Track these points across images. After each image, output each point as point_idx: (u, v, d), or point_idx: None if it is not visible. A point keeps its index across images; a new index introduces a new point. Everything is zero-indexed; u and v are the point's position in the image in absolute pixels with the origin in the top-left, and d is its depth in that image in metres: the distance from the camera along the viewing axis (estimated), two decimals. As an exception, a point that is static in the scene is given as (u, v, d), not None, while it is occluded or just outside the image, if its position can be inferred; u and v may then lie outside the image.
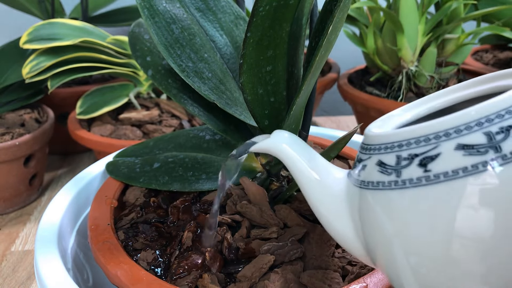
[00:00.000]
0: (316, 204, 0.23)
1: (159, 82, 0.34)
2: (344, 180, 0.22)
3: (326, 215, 0.22)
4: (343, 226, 0.22)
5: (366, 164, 0.20)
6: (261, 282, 0.27)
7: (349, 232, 0.22)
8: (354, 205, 0.21)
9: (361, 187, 0.21)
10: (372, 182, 0.20)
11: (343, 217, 0.22)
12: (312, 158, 0.23)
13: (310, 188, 0.23)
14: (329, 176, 0.23)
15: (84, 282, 0.35)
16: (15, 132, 0.57)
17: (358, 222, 0.21)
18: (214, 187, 0.35)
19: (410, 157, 0.18)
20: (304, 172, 0.23)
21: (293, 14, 0.27)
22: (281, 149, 0.24)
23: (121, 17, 0.81)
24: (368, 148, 0.21)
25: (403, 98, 0.62)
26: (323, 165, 0.23)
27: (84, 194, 0.39)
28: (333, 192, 0.22)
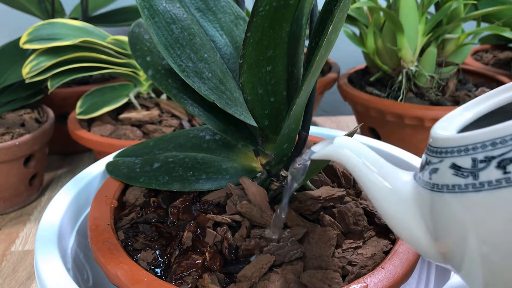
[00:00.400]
0: (386, 209, 0.23)
1: (159, 82, 0.34)
2: (411, 183, 0.22)
3: (395, 218, 0.23)
4: (413, 228, 0.22)
5: (437, 167, 0.21)
6: (261, 282, 0.27)
7: (420, 234, 0.22)
8: (425, 207, 0.21)
9: (433, 190, 0.21)
10: (447, 185, 0.20)
11: (412, 219, 0.22)
12: (378, 164, 0.23)
13: (380, 195, 0.23)
14: (397, 181, 0.23)
15: (84, 282, 0.35)
16: (15, 132, 0.57)
17: (430, 223, 0.21)
18: (214, 187, 0.35)
19: (487, 159, 0.18)
20: (372, 180, 0.23)
21: (293, 14, 0.27)
22: (345, 156, 0.24)
23: (121, 17, 0.81)
24: (438, 151, 0.21)
25: (403, 98, 0.62)
26: (390, 171, 0.23)
27: (84, 194, 0.39)
28: (402, 196, 0.22)
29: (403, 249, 0.29)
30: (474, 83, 0.71)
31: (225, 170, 0.36)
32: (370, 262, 0.29)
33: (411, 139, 0.61)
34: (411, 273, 0.28)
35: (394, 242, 0.31)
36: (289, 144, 0.33)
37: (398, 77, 0.63)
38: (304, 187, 0.36)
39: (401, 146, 0.47)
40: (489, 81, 0.72)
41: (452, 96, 0.64)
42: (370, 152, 0.24)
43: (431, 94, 0.63)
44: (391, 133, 0.63)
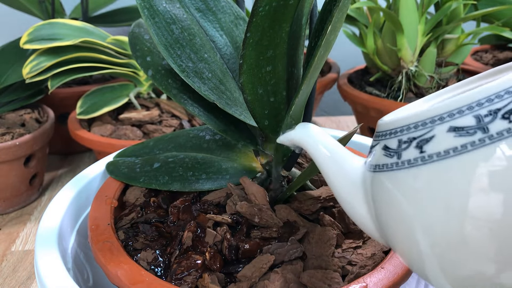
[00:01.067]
0: (339, 192, 0.25)
1: (159, 82, 0.34)
2: (361, 168, 0.24)
3: (347, 201, 0.24)
4: (360, 210, 0.24)
5: (375, 149, 0.22)
6: (261, 282, 0.27)
7: (365, 215, 0.23)
8: (367, 188, 0.23)
9: (370, 171, 0.22)
10: (378, 165, 0.22)
11: (360, 201, 0.24)
12: (333, 149, 0.25)
13: (334, 178, 0.25)
14: (350, 165, 0.24)
15: (84, 282, 0.35)
16: (16, 132, 0.57)
17: (371, 204, 0.23)
18: (214, 187, 0.35)
19: (409, 140, 0.20)
20: (326, 163, 0.25)
21: (293, 14, 0.27)
22: (304, 140, 0.26)
23: (121, 17, 0.81)
24: (377, 135, 0.23)
25: (403, 98, 0.62)
26: (344, 156, 0.25)
27: (84, 194, 0.39)
28: (353, 180, 0.24)
29: (402, 249, 0.29)
30: (474, 83, 0.71)
31: (225, 170, 0.36)
32: (370, 262, 0.29)
33: (411, 139, 0.61)
34: (411, 273, 0.28)
35: (393, 242, 0.31)
36: (289, 144, 0.33)
37: (398, 77, 0.63)
38: (304, 187, 0.36)
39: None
40: (489, 81, 0.72)
41: (452, 96, 0.64)
42: (328, 138, 0.26)
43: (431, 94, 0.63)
44: (391, 133, 0.63)
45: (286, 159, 0.34)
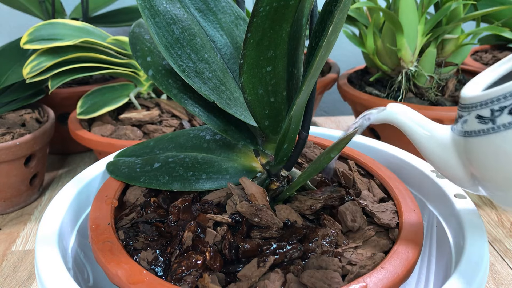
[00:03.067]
0: (431, 153, 0.31)
1: (159, 82, 0.34)
2: (449, 133, 0.30)
3: (439, 160, 0.30)
4: (453, 167, 0.30)
5: (466, 119, 0.28)
6: (261, 282, 0.27)
7: (459, 170, 0.29)
8: (461, 150, 0.29)
9: (465, 136, 0.28)
10: (474, 131, 0.27)
11: (452, 159, 0.29)
12: (423, 121, 0.31)
13: (426, 144, 0.31)
14: (438, 132, 0.30)
15: (84, 282, 0.35)
16: (16, 132, 0.57)
17: (466, 161, 0.28)
18: (214, 187, 0.35)
19: (501, 109, 0.25)
20: (419, 133, 0.31)
21: (293, 14, 0.27)
22: (397, 117, 0.32)
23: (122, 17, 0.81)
24: (466, 107, 0.28)
25: (402, 98, 0.62)
26: (432, 125, 0.31)
27: (85, 194, 0.40)
28: (443, 143, 0.30)
29: (402, 249, 0.29)
30: (474, 83, 0.71)
31: (225, 170, 0.36)
32: (370, 262, 0.29)
33: (411, 139, 0.61)
34: (410, 273, 0.28)
35: (393, 242, 0.31)
36: (289, 144, 0.33)
37: (398, 77, 0.63)
38: (304, 187, 0.36)
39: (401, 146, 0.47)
40: (489, 81, 0.72)
41: (452, 96, 0.64)
42: (416, 113, 0.32)
43: (431, 94, 0.63)
44: (391, 133, 0.63)
45: (286, 159, 0.34)
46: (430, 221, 0.39)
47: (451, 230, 0.35)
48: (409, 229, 0.31)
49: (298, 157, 0.36)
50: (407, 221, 0.32)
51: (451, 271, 0.32)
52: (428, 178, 0.39)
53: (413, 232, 0.31)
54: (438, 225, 0.37)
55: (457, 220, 0.34)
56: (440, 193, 0.38)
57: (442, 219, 0.37)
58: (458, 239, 0.33)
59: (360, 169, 0.41)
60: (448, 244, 0.35)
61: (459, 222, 0.33)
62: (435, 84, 0.63)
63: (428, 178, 0.40)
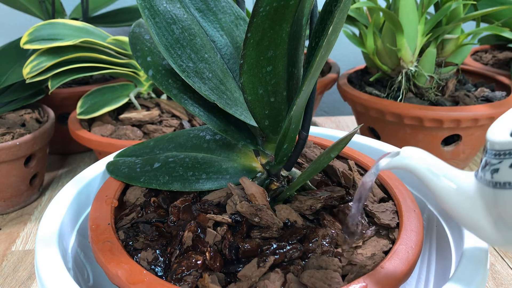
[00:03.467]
0: (454, 207, 0.26)
1: (159, 82, 0.34)
2: (474, 182, 0.25)
3: (463, 214, 0.26)
4: (480, 220, 0.25)
5: (498, 167, 0.24)
6: (261, 282, 0.27)
7: (486, 224, 0.25)
8: (489, 202, 0.24)
9: (495, 187, 0.24)
10: (508, 182, 0.23)
11: (479, 213, 0.25)
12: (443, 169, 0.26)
13: (447, 196, 0.26)
14: (461, 181, 0.26)
15: (84, 282, 0.35)
16: (16, 132, 0.57)
17: (496, 215, 0.24)
18: (214, 187, 0.35)
19: None
20: (439, 184, 0.26)
21: (293, 14, 0.27)
22: (413, 165, 0.27)
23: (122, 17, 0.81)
24: (497, 154, 0.24)
25: (402, 98, 0.62)
26: (453, 173, 0.26)
27: (85, 194, 0.40)
28: (467, 194, 0.25)
29: (402, 249, 0.29)
30: (474, 83, 0.71)
31: (225, 170, 0.36)
32: (370, 262, 0.29)
33: (411, 139, 0.61)
34: (410, 273, 0.28)
35: (393, 242, 0.31)
36: (289, 144, 0.33)
37: (398, 77, 0.63)
38: (304, 187, 0.36)
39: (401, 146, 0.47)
40: (489, 81, 0.72)
41: (452, 96, 0.64)
42: (434, 158, 0.27)
43: (431, 94, 0.63)
44: (391, 133, 0.63)
45: (286, 159, 0.34)
46: (430, 221, 0.39)
47: (451, 230, 0.35)
48: (409, 229, 0.31)
49: (298, 157, 0.36)
50: (407, 221, 0.32)
51: (451, 271, 0.32)
52: (428, 178, 0.39)
53: (413, 232, 0.31)
54: (438, 225, 0.37)
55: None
56: (440, 193, 0.37)
57: (442, 219, 0.37)
58: (458, 239, 0.33)
59: (360, 169, 0.41)
60: (448, 244, 0.35)
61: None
62: (435, 84, 0.63)
63: (428, 178, 0.39)
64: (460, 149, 0.62)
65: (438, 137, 0.60)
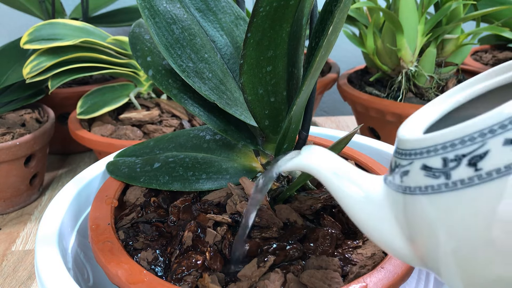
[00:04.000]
0: (358, 216, 0.22)
1: (159, 82, 0.34)
2: (382, 188, 0.22)
3: (369, 225, 0.22)
4: (388, 233, 0.21)
5: (408, 169, 0.20)
6: (261, 282, 0.27)
7: (395, 238, 0.21)
8: (398, 211, 0.21)
9: (405, 193, 0.20)
10: (419, 187, 0.19)
11: (387, 224, 0.21)
12: (347, 171, 0.23)
13: (351, 203, 0.22)
14: (368, 187, 0.22)
15: (84, 282, 0.35)
16: (16, 132, 0.57)
17: (405, 226, 0.21)
18: (214, 187, 0.35)
19: (458, 158, 0.18)
20: (342, 188, 0.22)
21: (293, 14, 0.27)
22: (314, 166, 0.23)
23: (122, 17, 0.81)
24: (407, 153, 0.20)
25: (402, 98, 0.62)
26: (360, 177, 0.23)
27: (85, 194, 0.40)
28: (374, 202, 0.22)
29: (402, 248, 0.29)
30: (474, 83, 0.71)
31: (225, 170, 0.36)
32: (370, 262, 0.29)
33: (411, 139, 0.61)
34: (410, 273, 0.28)
35: (393, 242, 0.31)
36: (289, 144, 0.33)
37: (398, 77, 0.63)
38: (304, 187, 0.36)
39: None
40: (489, 81, 0.72)
41: (452, 96, 0.64)
42: (338, 159, 0.23)
43: (431, 94, 0.63)
44: (391, 133, 0.63)
45: (286, 159, 0.34)
46: (430, 221, 0.39)
47: (451, 230, 0.35)
48: (409, 229, 0.31)
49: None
50: (407, 221, 0.32)
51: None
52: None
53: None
54: (438, 225, 0.37)
55: (457, 220, 0.34)
56: (440, 193, 0.37)
57: (442, 219, 0.37)
58: (458, 239, 0.33)
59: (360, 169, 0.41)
60: (448, 244, 0.35)
61: (459, 222, 0.33)
62: (435, 84, 0.63)
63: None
64: (460, 149, 0.62)
65: (438, 137, 0.60)
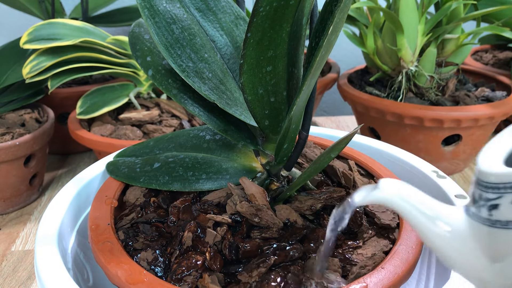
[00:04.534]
0: (442, 250, 0.23)
1: (159, 82, 0.34)
2: (465, 220, 0.22)
3: (454, 257, 0.22)
4: (474, 264, 0.22)
5: (497, 203, 0.20)
6: (261, 282, 0.27)
7: (482, 269, 0.22)
8: (486, 243, 0.21)
9: (495, 226, 0.20)
10: (510, 221, 0.20)
11: (473, 256, 0.22)
12: (428, 206, 0.23)
13: (434, 237, 0.23)
14: (450, 220, 0.22)
15: (84, 282, 0.35)
16: (16, 132, 0.57)
17: (493, 256, 0.21)
18: (214, 187, 0.35)
19: None
20: (425, 224, 0.23)
21: (294, 14, 0.27)
22: (393, 201, 0.23)
23: (121, 17, 0.81)
24: (494, 187, 0.20)
25: (403, 98, 0.62)
26: (440, 211, 0.23)
27: (84, 194, 0.39)
28: (458, 235, 0.22)
29: (403, 249, 0.29)
30: (474, 83, 0.71)
31: (225, 170, 0.36)
32: (370, 262, 0.29)
33: (411, 139, 0.61)
34: (411, 273, 0.28)
35: (394, 242, 0.31)
36: (289, 144, 0.33)
37: (398, 77, 0.63)
38: (304, 187, 0.36)
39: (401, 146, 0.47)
40: (489, 81, 0.72)
41: (452, 96, 0.64)
42: (417, 193, 0.23)
43: (431, 94, 0.63)
44: (391, 133, 0.63)
45: (286, 159, 0.34)
46: (430, 221, 0.39)
47: (452, 230, 0.35)
48: (409, 229, 0.31)
49: (298, 157, 0.36)
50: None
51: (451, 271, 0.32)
52: (428, 178, 0.39)
53: (413, 232, 0.31)
54: (439, 225, 0.37)
55: (458, 220, 0.34)
56: (440, 193, 0.37)
57: (442, 219, 0.37)
58: (459, 239, 0.33)
59: (360, 169, 0.41)
60: (448, 244, 0.35)
61: (460, 222, 0.33)
62: (435, 84, 0.63)
63: (428, 178, 0.39)
64: (461, 149, 0.62)
65: (438, 137, 0.60)
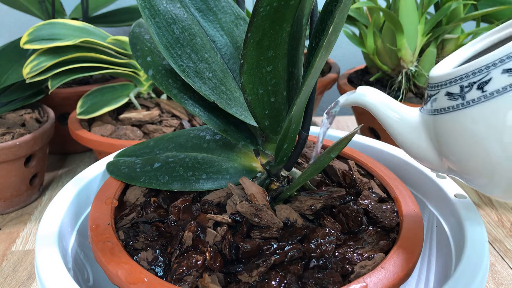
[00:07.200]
0: (400, 136, 0.31)
1: (159, 82, 0.34)
2: (418, 114, 0.30)
3: (409, 143, 0.31)
4: (423, 147, 0.30)
5: (436, 97, 0.28)
6: (261, 282, 0.27)
7: (428, 150, 0.30)
8: (431, 129, 0.29)
9: (434, 114, 0.28)
10: (444, 108, 0.28)
11: (422, 141, 0.30)
12: (391, 104, 0.31)
13: (395, 125, 0.31)
14: (407, 114, 0.31)
15: (84, 282, 0.35)
16: (16, 132, 0.57)
17: (435, 141, 0.29)
18: (214, 187, 0.35)
19: (470, 85, 0.26)
20: (388, 115, 0.31)
21: (294, 14, 0.27)
22: (367, 100, 0.32)
23: (122, 17, 0.81)
24: (436, 86, 0.28)
25: (402, 98, 0.62)
26: (401, 107, 0.31)
27: (85, 194, 0.39)
28: (412, 124, 0.30)
29: (403, 249, 0.29)
30: (474, 83, 0.71)
31: (225, 170, 0.36)
32: (370, 262, 0.29)
33: (411, 139, 0.61)
34: (411, 273, 0.28)
35: (394, 242, 0.31)
36: (289, 144, 0.33)
37: (398, 77, 0.63)
38: (304, 187, 0.36)
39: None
40: (489, 81, 0.72)
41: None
42: (386, 96, 0.32)
43: (431, 94, 0.63)
44: (391, 133, 0.63)
45: (287, 159, 0.34)
46: (430, 221, 0.39)
47: (451, 230, 0.35)
48: (409, 229, 0.31)
49: (298, 157, 0.36)
50: (407, 221, 0.32)
51: (451, 271, 0.32)
52: (428, 178, 0.39)
53: (413, 232, 0.31)
54: (438, 225, 0.37)
55: (457, 220, 0.34)
56: (440, 193, 0.38)
57: (442, 219, 0.37)
58: (458, 239, 0.33)
59: (360, 169, 0.41)
60: (448, 244, 0.35)
61: (459, 222, 0.33)
62: (435, 84, 0.63)
63: (428, 178, 0.39)
64: (460, 149, 0.62)
65: (438, 137, 0.60)
